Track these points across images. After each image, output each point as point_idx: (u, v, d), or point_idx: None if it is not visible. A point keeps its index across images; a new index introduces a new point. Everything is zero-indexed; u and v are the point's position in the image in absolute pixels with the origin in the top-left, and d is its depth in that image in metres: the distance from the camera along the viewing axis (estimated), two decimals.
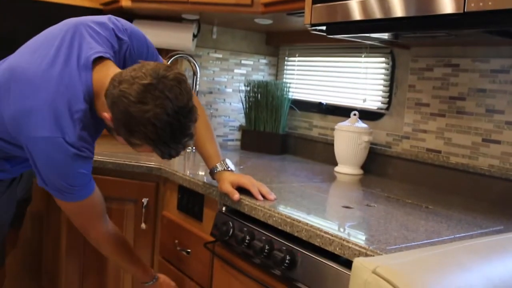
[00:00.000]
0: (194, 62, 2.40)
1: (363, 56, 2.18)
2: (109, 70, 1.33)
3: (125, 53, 1.46)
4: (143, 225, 1.90)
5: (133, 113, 1.20)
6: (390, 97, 2.04)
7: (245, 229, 1.39)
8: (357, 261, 0.88)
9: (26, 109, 1.30)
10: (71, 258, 1.98)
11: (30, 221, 2.14)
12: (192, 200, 1.72)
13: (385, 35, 1.64)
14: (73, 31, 1.39)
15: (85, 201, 1.43)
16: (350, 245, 1.08)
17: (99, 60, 1.35)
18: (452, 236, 1.19)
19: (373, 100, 2.13)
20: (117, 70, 1.34)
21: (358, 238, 1.12)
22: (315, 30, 1.67)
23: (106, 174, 1.91)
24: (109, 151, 2.03)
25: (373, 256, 1.02)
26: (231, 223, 1.44)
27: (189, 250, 1.68)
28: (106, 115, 1.27)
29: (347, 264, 1.08)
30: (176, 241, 1.75)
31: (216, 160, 1.55)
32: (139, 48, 1.50)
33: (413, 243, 1.10)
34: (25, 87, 1.31)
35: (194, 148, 2.36)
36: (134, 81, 1.21)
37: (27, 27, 2.21)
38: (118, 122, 1.25)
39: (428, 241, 1.13)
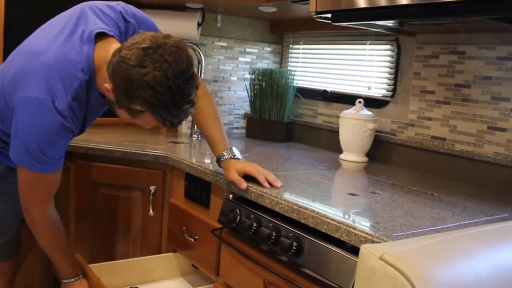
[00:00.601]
0: (199, 51, 2.40)
1: (368, 43, 2.17)
2: (112, 46, 1.35)
3: (133, 34, 1.46)
4: (151, 212, 1.92)
5: (132, 76, 1.21)
6: (395, 84, 2.04)
7: (252, 216, 1.41)
8: (364, 248, 0.90)
9: (24, 70, 1.34)
10: (79, 243, 2.00)
11: None
12: (199, 187, 1.74)
13: (390, 23, 1.64)
14: (80, 11, 1.43)
15: (46, 176, 1.42)
16: (357, 232, 1.10)
17: (103, 36, 1.38)
18: (458, 223, 1.20)
19: (378, 88, 2.13)
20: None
21: (364, 225, 1.14)
22: (320, 17, 1.66)
23: (114, 162, 1.93)
24: (116, 140, 2.05)
25: (379, 242, 1.03)
26: (238, 210, 1.46)
27: (197, 237, 1.70)
28: (107, 85, 1.29)
29: (353, 250, 1.10)
30: (184, 228, 1.77)
31: (222, 148, 1.56)
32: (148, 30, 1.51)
33: (418, 230, 1.12)
34: (28, 54, 1.37)
35: (200, 135, 2.37)
36: (133, 47, 1.23)
37: (38, 16, 2.21)
38: (118, 90, 1.26)
39: (434, 228, 1.14)
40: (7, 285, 1.70)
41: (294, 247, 1.24)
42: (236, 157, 1.54)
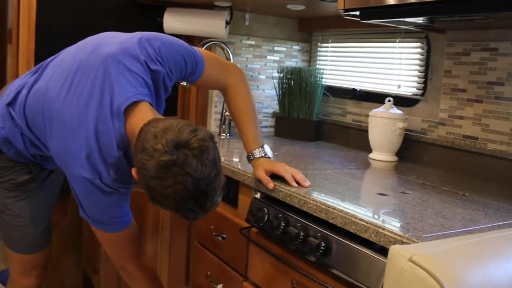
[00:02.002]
0: (227, 49, 2.41)
1: (397, 41, 2.15)
2: (142, 115, 1.32)
3: (163, 79, 1.45)
4: None
5: (153, 186, 1.18)
6: (425, 82, 2.01)
7: (280, 215, 1.41)
8: (393, 249, 0.89)
9: (66, 150, 1.37)
10: None
11: (70, 204, 2.21)
12: (227, 186, 1.73)
13: (420, 20, 1.61)
14: (104, 67, 1.37)
15: (123, 233, 1.49)
16: (386, 233, 1.09)
17: (131, 105, 1.35)
18: (490, 225, 1.18)
19: (408, 86, 2.10)
20: (149, 113, 1.34)
21: (394, 225, 1.12)
22: (349, 15, 1.65)
23: None
24: None
25: (409, 243, 1.02)
26: (266, 210, 1.46)
27: (225, 236, 1.71)
28: (134, 172, 1.27)
29: (382, 251, 1.09)
30: (212, 226, 1.78)
31: (254, 146, 1.56)
32: (176, 66, 1.48)
33: (449, 231, 1.10)
34: (64, 130, 1.37)
35: (228, 134, 2.38)
36: (153, 154, 1.16)
37: (69, 16, 2.26)
38: (141, 185, 1.24)
39: (465, 229, 1.12)
40: (39, 278, 1.76)
41: (322, 247, 1.23)
42: (266, 155, 1.55)
